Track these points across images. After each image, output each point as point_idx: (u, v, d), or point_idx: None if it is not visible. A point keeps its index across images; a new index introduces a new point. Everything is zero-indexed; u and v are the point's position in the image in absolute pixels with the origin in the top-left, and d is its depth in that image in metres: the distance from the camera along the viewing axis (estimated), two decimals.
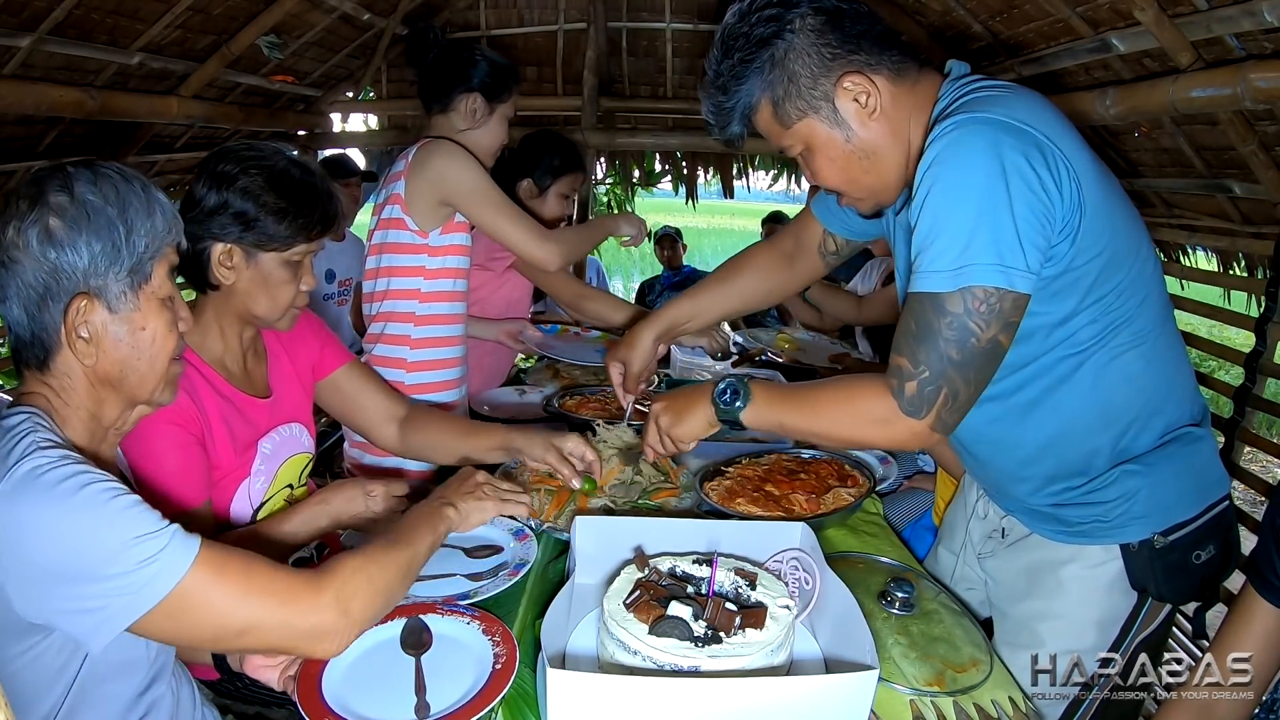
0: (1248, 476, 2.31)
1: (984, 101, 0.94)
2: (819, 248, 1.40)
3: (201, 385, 1.21)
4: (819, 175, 1.07)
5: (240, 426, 1.26)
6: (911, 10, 3.05)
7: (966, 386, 0.95)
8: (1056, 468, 1.10)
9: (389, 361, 1.80)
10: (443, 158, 1.66)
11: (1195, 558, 1.08)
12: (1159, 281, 1.07)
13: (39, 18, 2.21)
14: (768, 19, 0.98)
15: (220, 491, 1.24)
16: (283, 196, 1.18)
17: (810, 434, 1.13)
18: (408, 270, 1.75)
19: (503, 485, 1.20)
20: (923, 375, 0.95)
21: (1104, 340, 1.02)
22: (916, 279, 0.95)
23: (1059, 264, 0.96)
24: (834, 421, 1.07)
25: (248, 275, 1.21)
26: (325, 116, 4.32)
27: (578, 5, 4.08)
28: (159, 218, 0.90)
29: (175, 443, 1.15)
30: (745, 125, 1.05)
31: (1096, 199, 0.95)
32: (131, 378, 0.92)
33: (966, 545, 1.34)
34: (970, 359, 0.93)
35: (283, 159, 1.21)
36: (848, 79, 0.98)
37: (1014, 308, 0.92)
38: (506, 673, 0.95)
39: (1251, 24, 1.71)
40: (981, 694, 1.00)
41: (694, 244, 6.42)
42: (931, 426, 0.96)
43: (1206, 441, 1.12)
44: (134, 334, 0.90)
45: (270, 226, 1.18)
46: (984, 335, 0.92)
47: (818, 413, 1.08)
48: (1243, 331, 2.33)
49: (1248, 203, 2.36)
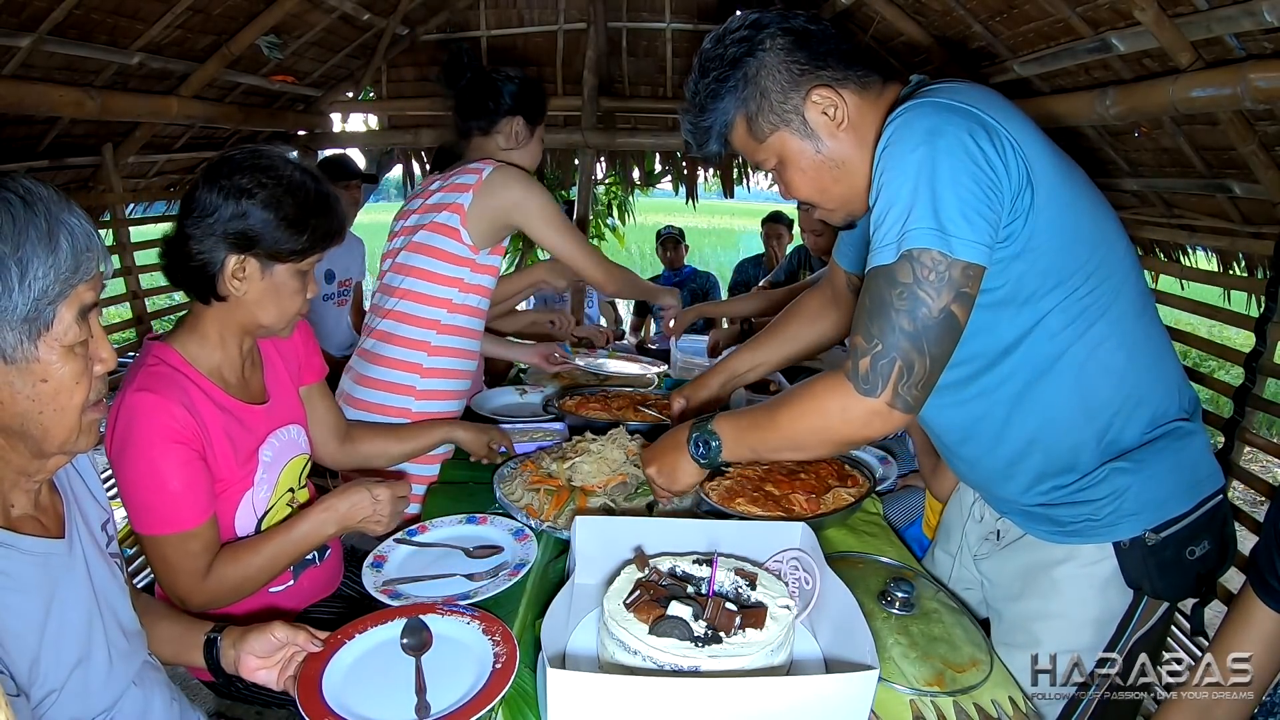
0: (1248, 477, 2.31)
1: (932, 91, 0.98)
2: (848, 287, 1.44)
3: (200, 399, 1.19)
4: (792, 187, 1.11)
5: (241, 436, 1.25)
6: (912, 11, 3.05)
7: (922, 359, 0.94)
8: (1044, 464, 1.10)
9: (404, 365, 1.80)
10: (521, 186, 1.73)
11: (1190, 554, 1.08)
12: (1134, 272, 1.08)
13: (39, 18, 2.22)
14: (739, 40, 1.06)
15: (224, 505, 1.23)
16: (301, 208, 1.18)
17: (784, 449, 1.11)
18: (446, 279, 1.77)
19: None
20: (876, 349, 0.95)
21: (1080, 331, 1.02)
22: (870, 258, 0.97)
23: (1015, 243, 0.97)
24: (797, 428, 1.06)
25: (260, 286, 1.20)
26: (325, 116, 4.32)
27: (578, 5, 4.08)
28: (63, 253, 0.78)
29: (178, 461, 1.13)
30: (722, 144, 1.10)
31: (1051, 181, 0.96)
32: (34, 431, 0.83)
33: (963, 547, 1.34)
34: (923, 329, 0.93)
35: (295, 169, 1.20)
36: (816, 93, 1.04)
37: (964, 276, 0.92)
38: (506, 673, 0.95)
39: (1251, 24, 1.71)
40: (981, 694, 1.00)
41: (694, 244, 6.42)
42: (889, 403, 0.95)
43: (1197, 436, 1.11)
44: (34, 386, 0.80)
45: (289, 239, 1.17)
46: (935, 304, 0.92)
47: (779, 425, 1.08)
48: (1243, 331, 2.32)
49: (1248, 203, 2.36)
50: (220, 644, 1.04)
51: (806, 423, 1.04)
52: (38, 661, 0.84)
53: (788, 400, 1.08)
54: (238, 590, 1.20)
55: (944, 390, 1.12)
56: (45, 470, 0.89)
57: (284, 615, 1.29)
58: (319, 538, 1.24)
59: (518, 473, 1.54)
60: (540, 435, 1.82)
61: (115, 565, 1.00)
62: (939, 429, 1.20)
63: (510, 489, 1.49)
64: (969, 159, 0.90)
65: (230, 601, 1.21)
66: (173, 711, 1.05)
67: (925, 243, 0.91)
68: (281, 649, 1.01)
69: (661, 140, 4.39)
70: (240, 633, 1.03)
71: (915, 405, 0.96)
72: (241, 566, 1.19)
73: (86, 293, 0.82)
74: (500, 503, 1.46)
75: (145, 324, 3.26)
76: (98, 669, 0.91)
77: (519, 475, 1.52)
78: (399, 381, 1.80)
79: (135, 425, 1.12)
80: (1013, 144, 0.93)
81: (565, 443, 1.61)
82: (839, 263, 1.44)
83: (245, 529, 1.27)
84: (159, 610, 1.13)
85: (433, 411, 1.81)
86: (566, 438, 1.69)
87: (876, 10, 3.13)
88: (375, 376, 1.81)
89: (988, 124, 0.93)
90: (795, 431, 1.06)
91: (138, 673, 1.00)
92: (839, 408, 0.99)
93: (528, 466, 1.55)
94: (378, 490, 1.25)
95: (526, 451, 1.69)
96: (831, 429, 1.02)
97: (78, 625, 0.90)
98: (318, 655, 0.99)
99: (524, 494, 1.46)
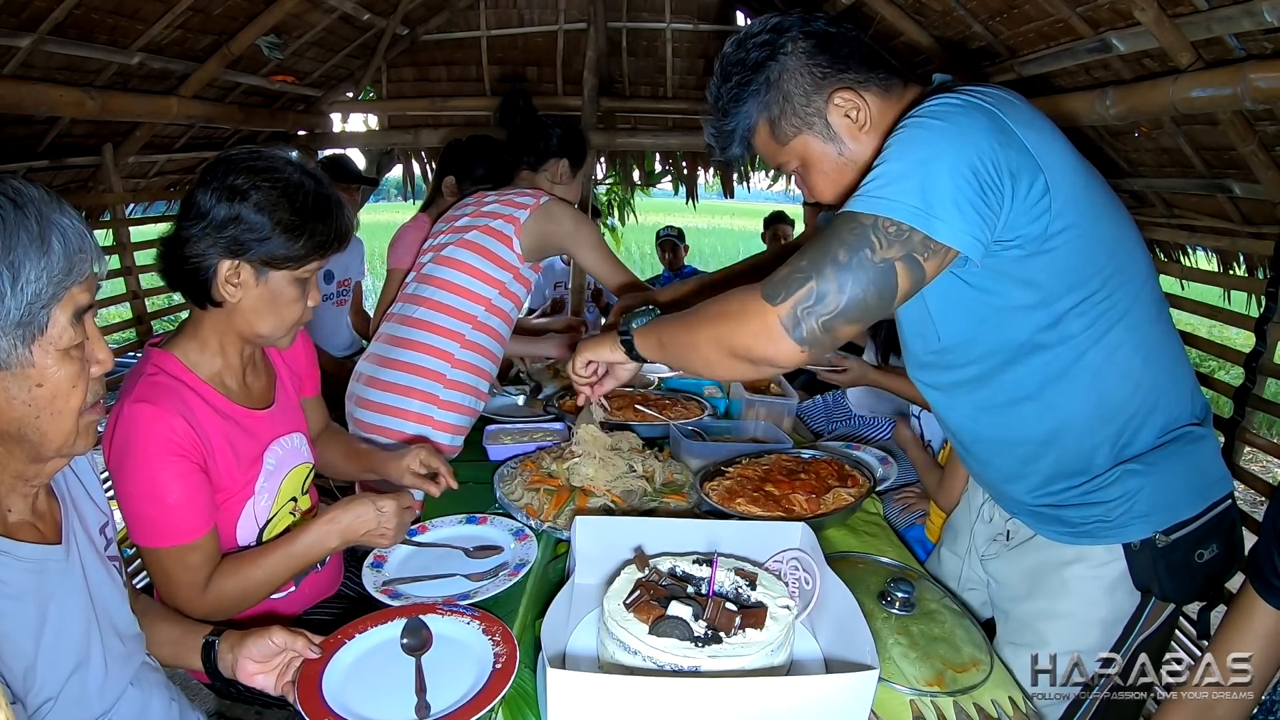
0: (1248, 477, 2.30)
1: (957, 90, 0.98)
2: None
3: (200, 407, 1.16)
4: (815, 189, 1.11)
5: (243, 442, 1.23)
6: (912, 11, 3.05)
7: (838, 294, 0.91)
8: (1057, 465, 1.10)
9: (435, 351, 1.83)
10: (574, 218, 1.90)
11: (1198, 557, 1.08)
12: (1151, 278, 1.08)
13: (39, 18, 2.21)
14: (761, 44, 1.05)
15: (226, 514, 1.21)
16: (298, 213, 1.12)
17: (684, 346, 1.08)
18: (490, 279, 1.86)
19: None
20: (799, 264, 0.94)
21: (1098, 335, 1.02)
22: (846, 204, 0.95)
23: (1030, 243, 0.96)
24: (702, 325, 1.04)
25: (255, 293, 1.15)
26: (325, 116, 4.32)
27: (578, 5, 4.08)
28: (55, 255, 0.77)
29: (177, 473, 1.11)
30: (745, 147, 1.10)
31: (1071, 186, 0.96)
32: (31, 436, 0.82)
33: (971, 548, 1.34)
34: (855, 267, 0.90)
35: (295, 171, 1.14)
36: (839, 95, 1.04)
37: (924, 246, 0.90)
38: (506, 673, 0.95)
39: (1251, 24, 1.70)
40: (981, 694, 1.00)
41: (694, 244, 6.43)
42: (782, 319, 0.92)
43: (1208, 441, 1.12)
44: (29, 391, 0.79)
45: (284, 244, 1.12)
46: (880, 253, 0.90)
47: (691, 322, 1.06)
48: (1243, 331, 2.32)
49: (1248, 203, 2.36)
50: (218, 647, 1.03)
51: (710, 320, 1.03)
52: (33, 668, 0.83)
53: (710, 303, 1.06)
54: (238, 603, 1.19)
55: (959, 388, 1.12)
56: (43, 475, 0.88)
57: (284, 619, 1.28)
58: (322, 550, 1.21)
59: (518, 473, 1.54)
60: (540, 435, 1.82)
61: (114, 569, 1.00)
62: (955, 426, 1.20)
63: (510, 489, 1.49)
64: (975, 154, 0.90)
65: (232, 613, 1.20)
66: (171, 712, 1.04)
67: (898, 215, 0.89)
68: (279, 654, 1.00)
69: (661, 140, 4.39)
70: (238, 637, 1.02)
71: (810, 340, 0.93)
72: (241, 579, 1.17)
73: (81, 294, 0.80)
74: (500, 503, 1.46)
75: (145, 324, 3.26)
76: (95, 674, 0.91)
77: (519, 475, 1.53)
78: (430, 367, 1.83)
79: (134, 437, 1.09)
80: (1026, 148, 0.93)
81: (565, 442, 1.61)
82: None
83: (247, 538, 1.25)
84: (158, 611, 1.13)
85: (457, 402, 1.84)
86: (566, 438, 1.69)
87: (876, 10, 3.13)
88: (406, 360, 1.84)
89: (1005, 125, 0.92)
90: (699, 329, 1.04)
91: (136, 674, 0.99)
92: (738, 308, 0.98)
93: (528, 466, 1.55)
94: (382, 503, 1.21)
95: (526, 451, 1.69)
96: (727, 332, 0.99)
97: (75, 632, 0.89)
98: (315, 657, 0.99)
99: (524, 494, 1.46)
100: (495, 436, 1.82)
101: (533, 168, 2.03)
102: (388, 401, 1.81)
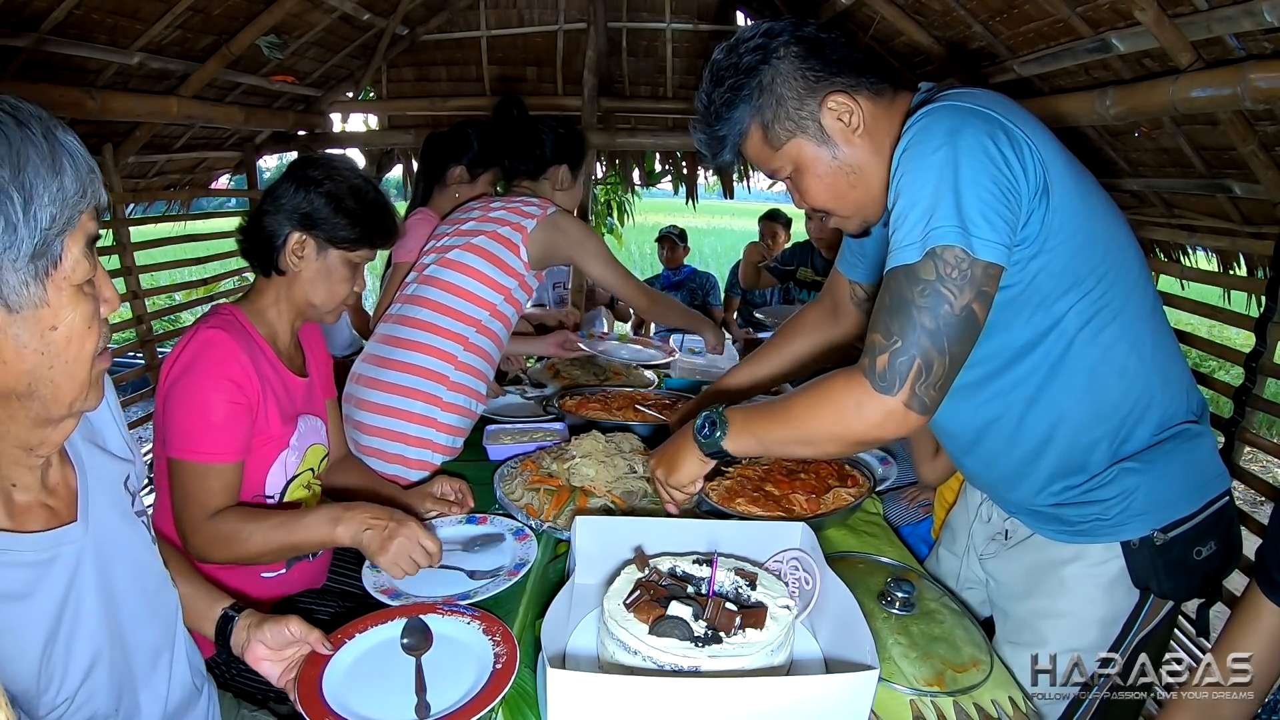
0: (1248, 477, 2.31)
1: (949, 96, 0.98)
2: (851, 298, 1.44)
3: (258, 355, 1.30)
4: (808, 195, 1.11)
5: (286, 400, 1.36)
6: (912, 11, 3.05)
7: (941, 358, 0.93)
8: (1057, 464, 1.10)
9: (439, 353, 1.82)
10: (580, 229, 1.93)
11: (1196, 554, 1.08)
12: (1144, 275, 1.08)
13: (39, 18, 2.22)
14: (754, 49, 1.05)
15: (261, 458, 1.31)
16: (359, 205, 1.36)
17: (792, 443, 1.08)
18: (496, 285, 1.86)
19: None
20: (895, 346, 0.94)
21: (1094, 333, 1.03)
22: (890, 257, 0.96)
23: (1033, 244, 0.97)
24: (809, 422, 1.03)
25: (315, 266, 1.35)
26: (325, 116, 4.33)
27: (578, 5, 4.08)
28: (68, 175, 0.69)
29: (227, 399, 1.22)
30: (736, 154, 1.11)
31: (1066, 185, 0.97)
32: (43, 390, 0.72)
33: (970, 548, 1.34)
34: (945, 327, 0.92)
35: (359, 178, 1.39)
36: (831, 99, 1.04)
37: (985, 275, 0.92)
38: (507, 673, 0.95)
39: (1251, 24, 1.71)
40: (981, 694, 1.00)
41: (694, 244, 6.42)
42: (906, 403, 0.94)
43: (1205, 438, 1.12)
44: (43, 336, 0.71)
45: (344, 227, 1.34)
46: (958, 302, 0.91)
47: (791, 418, 1.06)
48: (1243, 331, 2.32)
49: (1248, 203, 2.36)
50: (236, 622, 1.03)
51: (819, 417, 1.02)
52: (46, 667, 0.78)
53: (801, 394, 1.06)
54: (228, 547, 1.21)
55: (959, 392, 1.12)
56: (50, 442, 0.79)
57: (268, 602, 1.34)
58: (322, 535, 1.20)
59: (518, 473, 1.54)
60: (540, 435, 1.82)
61: (141, 524, 0.93)
62: (954, 431, 1.20)
63: (510, 489, 1.49)
64: (989, 161, 0.91)
65: (220, 559, 1.22)
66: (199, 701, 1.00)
67: (950, 240, 0.91)
68: (292, 644, 1.00)
69: (661, 140, 4.39)
70: (258, 619, 1.02)
71: (931, 406, 0.95)
72: (241, 525, 1.21)
73: (89, 222, 0.72)
74: (500, 503, 1.46)
75: (145, 324, 3.26)
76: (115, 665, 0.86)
77: (519, 475, 1.53)
78: (433, 369, 1.81)
79: (201, 356, 1.22)
80: (1030, 147, 0.94)
81: (565, 442, 1.61)
82: (842, 271, 1.44)
83: (274, 488, 1.34)
84: (183, 569, 1.08)
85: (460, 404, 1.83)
86: (566, 438, 1.69)
87: (876, 11, 3.13)
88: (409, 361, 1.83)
89: (1006, 128, 0.93)
90: (807, 426, 1.04)
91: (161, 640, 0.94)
92: (854, 404, 0.97)
93: (528, 466, 1.55)
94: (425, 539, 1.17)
95: (526, 451, 1.69)
96: (845, 426, 0.99)
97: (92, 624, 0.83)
98: (318, 655, 0.99)
99: (524, 494, 1.46)
100: (495, 436, 1.82)
101: (532, 177, 2.04)
102: (389, 403, 1.81)
